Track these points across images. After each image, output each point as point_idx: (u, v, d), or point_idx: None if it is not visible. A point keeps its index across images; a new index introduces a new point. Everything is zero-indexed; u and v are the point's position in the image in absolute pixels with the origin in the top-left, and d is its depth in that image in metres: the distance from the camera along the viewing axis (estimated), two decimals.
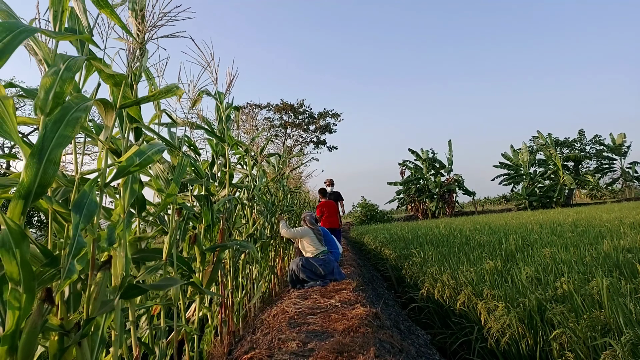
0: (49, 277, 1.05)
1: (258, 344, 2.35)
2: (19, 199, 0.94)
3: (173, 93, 1.47)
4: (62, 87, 1.00)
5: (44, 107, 0.98)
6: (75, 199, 1.08)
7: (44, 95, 0.98)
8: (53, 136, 0.98)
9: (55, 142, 0.97)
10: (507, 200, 37.61)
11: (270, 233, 4.60)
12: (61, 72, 1.01)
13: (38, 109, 0.98)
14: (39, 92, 0.99)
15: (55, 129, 0.99)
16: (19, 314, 0.90)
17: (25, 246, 0.91)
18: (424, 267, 4.91)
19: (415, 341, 3.19)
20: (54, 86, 0.99)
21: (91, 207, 1.08)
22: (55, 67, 1.02)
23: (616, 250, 4.05)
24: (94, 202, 1.10)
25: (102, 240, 1.22)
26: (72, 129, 1.00)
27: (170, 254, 1.82)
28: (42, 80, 1.00)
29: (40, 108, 0.98)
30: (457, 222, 12.61)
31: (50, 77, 1.00)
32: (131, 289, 1.26)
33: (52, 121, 0.99)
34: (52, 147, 0.97)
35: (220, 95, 2.83)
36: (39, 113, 0.98)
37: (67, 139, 0.99)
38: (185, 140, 2.40)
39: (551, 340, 2.35)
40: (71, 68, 1.03)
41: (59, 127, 0.99)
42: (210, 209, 2.40)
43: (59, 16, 1.20)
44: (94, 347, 1.18)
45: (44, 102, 0.98)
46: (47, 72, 1.01)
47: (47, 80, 0.99)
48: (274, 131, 29.64)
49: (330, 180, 8.54)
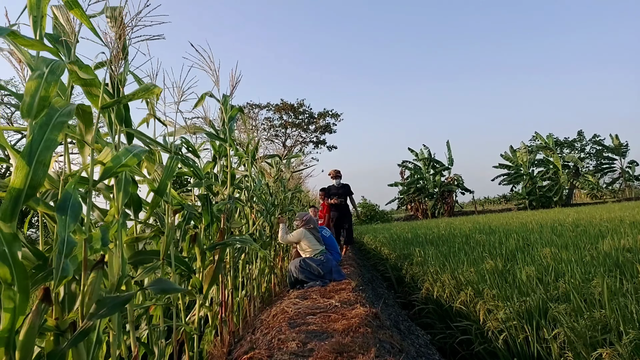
0: (41, 277, 1.06)
1: (258, 344, 2.34)
2: (10, 200, 0.95)
3: (151, 92, 1.49)
4: (47, 90, 1.02)
5: (30, 111, 1.01)
6: (59, 200, 1.10)
7: (29, 99, 1.01)
8: (41, 139, 1.00)
9: (43, 145, 1.00)
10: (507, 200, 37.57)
11: (270, 233, 4.59)
12: (45, 76, 1.03)
13: (25, 113, 1.00)
14: (24, 96, 1.01)
15: (42, 132, 1.01)
16: (14, 313, 0.92)
17: (17, 247, 0.93)
18: (424, 266, 4.90)
19: (415, 341, 3.19)
20: (39, 90, 1.02)
21: (75, 208, 1.09)
22: (39, 70, 1.04)
23: (616, 249, 4.05)
24: (78, 202, 1.11)
25: (96, 241, 1.22)
26: (58, 132, 1.02)
27: (168, 254, 1.81)
28: (27, 84, 1.02)
29: (27, 112, 1.00)
30: (457, 222, 12.61)
31: (34, 81, 1.02)
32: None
33: (39, 125, 1.01)
34: (40, 149, 0.99)
35: (226, 98, 2.84)
36: (26, 117, 1.01)
37: (54, 142, 1.01)
38: (184, 142, 2.40)
39: (551, 339, 2.35)
40: (55, 71, 1.05)
41: (45, 130, 1.01)
42: (210, 209, 2.40)
43: (39, 21, 1.20)
44: (89, 348, 1.18)
45: (29, 107, 1.01)
46: (32, 76, 1.03)
47: (32, 84, 1.02)
48: (274, 131, 29.66)
49: (335, 172, 6.58)
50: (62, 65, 1.09)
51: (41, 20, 1.20)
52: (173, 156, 1.79)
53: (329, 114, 30.30)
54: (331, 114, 30.34)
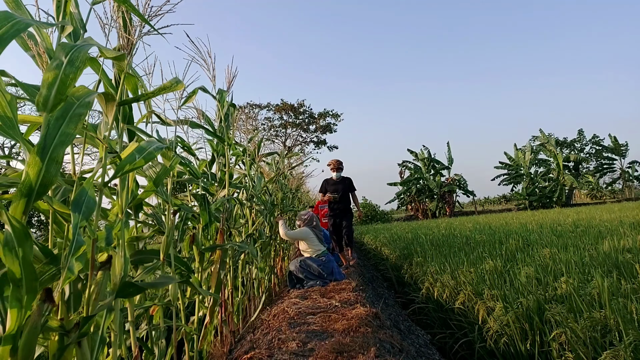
0: (48, 277, 1.04)
1: (258, 343, 2.34)
2: (21, 198, 0.92)
3: (175, 88, 1.47)
4: (65, 81, 0.96)
5: (46, 103, 0.95)
6: (74, 196, 1.07)
7: (46, 91, 0.95)
8: (56, 134, 0.95)
9: (58, 139, 0.95)
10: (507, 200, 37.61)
11: (269, 233, 4.59)
12: (64, 67, 0.97)
13: (40, 106, 0.95)
14: (40, 88, 0.95)
15: (57, 126, 0.96)
16: (21, 314, 0.89)
17: (29, 246, 0.90)
18: (424, 267, 4.91)
19: (415, 341, 3.19)
20: (56, 81, 0.96)
21: (90, 205, 1.07)
22: (57, 60, 0.98)
23: (616, 250, 4.05)
24: (93, 199, 1.09)
25: (101, 240, 1.21)
26: (74, 126, 0.98)
27: (168, 254, 1.81)
28: (44, 75, 0.96)
29: (43, 104, 0.95)
30: (457, 222, 12.61)
31: (52, 72, 0.96)
32: (127, 287, 1.25)
33: (55, 118, 0.96)
34: (54, 145, 0.95)
35: (222, 94, 2.80)
36: (42, 110, 0.95)
37: (70, 136, 0.97)
38: (179, 141, 2.38)
39: (551, 340, 2.35)
40: (74, 61, 0.99)
41: (61, 124, 0.97)
42: (208, 208, 2.40)
43: (62, 6, 1.17)
44: (93, 347, 1.18)
45: (46, 99, 0.95)
46: (49, 66, 0.97)
47: (49, 75, 0.96)
48: (274, 131, 29.66)
49: (335, 162, 5.43)
50: (83, 53, 1.01)
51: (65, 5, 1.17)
52: (173, 155, 1.79)
53: (329, 114, 30.31)
54: (331, 114, 30.35)
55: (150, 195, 1.74)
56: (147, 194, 1.70)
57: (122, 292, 1.25)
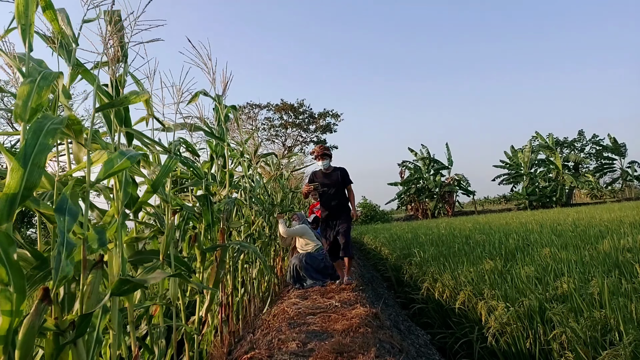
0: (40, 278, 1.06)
1: (258, 344, 2.34)
2: (5, 202, 0.96)
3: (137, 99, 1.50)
4: (39, 94, 1.04)
5: (23, 115, 1.02)
6: (56, 202, 1.10)
7: (22, 104, 1.02)
8: (35, 143, 1.01)
9: (37, 149, 1.00)
10: (507, 200, 37.57)
11: (269, 233, 4.60)
12: (38, 81, 1.05)
13: (18, 117, 1.01)
14: (16, 100, 1.02)
15: (35, 137, 1.02)
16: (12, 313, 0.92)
17: (13, 249, 0.93)
18: (423, 267, 4.90)
19: (415, 341, 3.19)
20: (31, 94, 1.03)
21: (73, 211, 1.09)
22: (32, 77, 1.06)
23: (616, 249, 4.05)
24: (75, 204, 1.12)
25: (92, 241, 1.21)
26: (51, 138, 1.03)
27: (168, 254, 1.81)
28: (20, 89, 1.03)
29: (20, 116, 1.02)
30: (457, 222, 12.61)
31: (27, 86, 1.03)
32: (122, 284, 1.25)
33: (32, 130, 1.02)
34: (35, 153, 1.00)
35: (219, 98, 2.85)
36: (19, 121, 1.02)
37: (47, 146, 1.02)
38: (183, 142, 2.39)
39: (551, 339, 2.35)
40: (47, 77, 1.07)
41: (39, 135, 1.02)
42: (210, 209, 2.40)
43: (27, 30, 1.19)
44: (89, 348, 1.18)
45: (22, 110, 1.02)
46: (24, 81, 1.04)
47: (24, 88, 1.03)
48: (274, 131, 29.65)
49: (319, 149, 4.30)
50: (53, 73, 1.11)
51: (29, 28, 1.20)
52: (172, 156, 1.79)
53: (329, 114, 30.29)
54: (331, 114, 30.33)
55: (149, 198, 1.75)
56: (147, 196, 1.71)
57: (118, 289, 1.25)
